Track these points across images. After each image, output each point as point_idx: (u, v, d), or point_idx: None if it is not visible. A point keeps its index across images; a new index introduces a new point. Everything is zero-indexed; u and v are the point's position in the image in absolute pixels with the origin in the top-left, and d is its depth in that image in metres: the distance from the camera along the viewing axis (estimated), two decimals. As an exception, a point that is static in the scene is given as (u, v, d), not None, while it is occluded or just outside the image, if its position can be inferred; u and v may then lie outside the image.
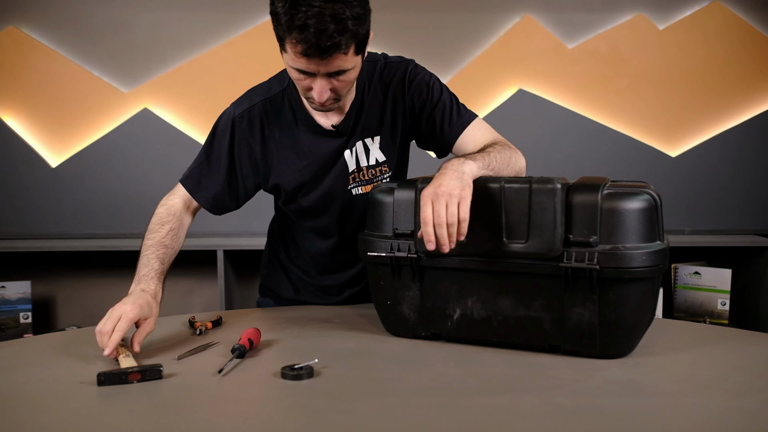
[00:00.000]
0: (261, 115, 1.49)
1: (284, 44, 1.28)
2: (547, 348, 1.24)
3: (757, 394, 1.05)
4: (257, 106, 1.49)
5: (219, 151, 1.51)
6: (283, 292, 1.71)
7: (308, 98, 1.38)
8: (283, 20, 1.23)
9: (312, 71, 1.29)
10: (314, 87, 1.32)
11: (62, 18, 3.14)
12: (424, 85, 1.51)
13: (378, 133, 1.52)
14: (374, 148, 1.52)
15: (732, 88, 3.26)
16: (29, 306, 3.01)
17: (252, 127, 1.49)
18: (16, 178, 3.16)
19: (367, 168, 1.52)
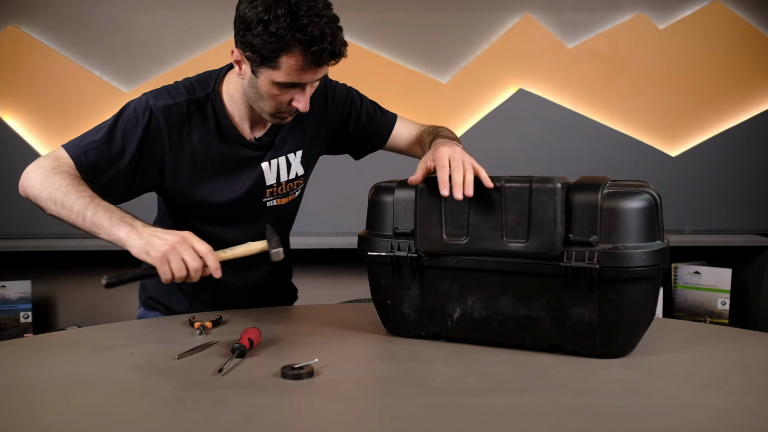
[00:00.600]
0: (183, 116, 1.39)
1: (277, 60, 1.26)
2: (547, 347, 1.24)
3: (757, 393, 1.05)
4: (181, 105, 1.40)
5: (125, 138, 1.36)
6: (176, 305, 1.61)
7: (279, 113, 1.36)
8: (287, 36, 1.23)
9: (306, 81, 1.31)
10: (300, 98, 1.33)
11: (62, 18, 3.14)
12: (345, 95, 1.59)
13: (301, 147, 1.54)
14: (296, 163, 1.54)
15: (732, 87, 3.26)
16: (29, 306, 3.01)
17: (170, 125, 1.38)
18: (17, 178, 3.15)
19: (286, 182, 1.54)
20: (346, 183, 3.20)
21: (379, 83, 3.16)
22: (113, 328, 1.44)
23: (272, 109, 1.36)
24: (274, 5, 1.23)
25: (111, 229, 1.22)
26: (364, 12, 3.21)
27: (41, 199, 1.31)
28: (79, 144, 1.37)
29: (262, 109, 1.38)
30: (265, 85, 1.32)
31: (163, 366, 1.18)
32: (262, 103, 1.36)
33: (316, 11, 1.26)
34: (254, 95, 1.36)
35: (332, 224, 3.24)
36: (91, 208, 1.24)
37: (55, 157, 1.36)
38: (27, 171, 1.37)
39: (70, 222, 1.27)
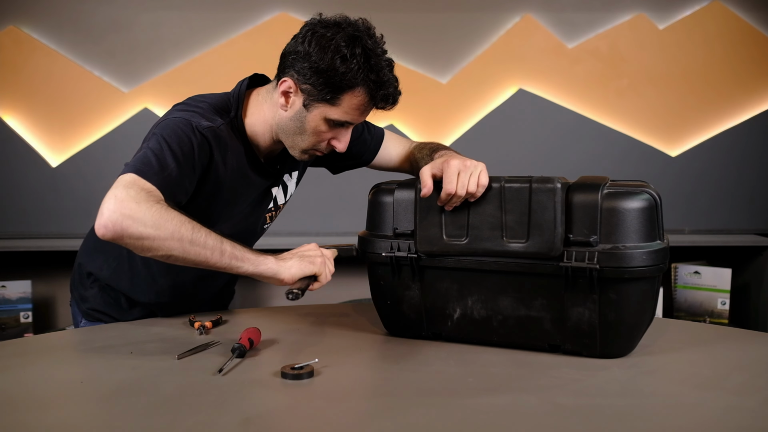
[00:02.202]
0: (224, 139, 1.35)
1: (339, 97, 1.27)
2: (548, 347, 1.24)
3: (757, 393, 1.05)
4: (222, 129, 1.34)
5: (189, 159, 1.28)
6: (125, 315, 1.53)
7: (313, 149, 1.37)
8: (360, 75, 1.24)
9: (357, 122, 1.34)
10: (342, 137, 1.35)
11: (62, 18, 3.14)
12: None
13: (296, 168, 1.55)
14: (291, 184, 1.56)
15: (732, 87, 3.26)
16: (29, 306, 3.01)
17: (217, 147, 1.33)
18: (17, 177, 3.16)
19: (282, 205, 1.56)
20: (346, 183, 3.19)
21: (379, 83, 3.16)
22: (113, 328, 1.44)
23: (309, 145, 1.35)
24: (350, 42, 1.26)
25: (258, 260, 1.23)
26: (364, 12, 3.19)
27: (159, 239, 1.16)
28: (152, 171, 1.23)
29: (296, 144, 1.36)
30: (314, 120, 1.31)
31: (163, 366, 1.18)
32: (300, 138, 1.35)
33: (385, 58, 1.30)
34: (294, 129, 1.34)
35: (332, 224, 3.24)
36: (227, 244, 1.21)
37: (141, 188, 1.20)
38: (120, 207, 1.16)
39: (198, 259, 1.19)
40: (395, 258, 1.30)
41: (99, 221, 1.16)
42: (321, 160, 1.62)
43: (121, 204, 1.15)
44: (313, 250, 1.29)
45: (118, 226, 1.15)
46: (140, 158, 1.25)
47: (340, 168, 1.67)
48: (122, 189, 1.18)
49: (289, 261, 1.25)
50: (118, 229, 1.15)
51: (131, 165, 1.24)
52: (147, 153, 1.25)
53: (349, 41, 1.26)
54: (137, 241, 1.16)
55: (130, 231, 1.15)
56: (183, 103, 1.40)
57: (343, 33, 1.27)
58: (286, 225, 3.14)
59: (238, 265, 1.21)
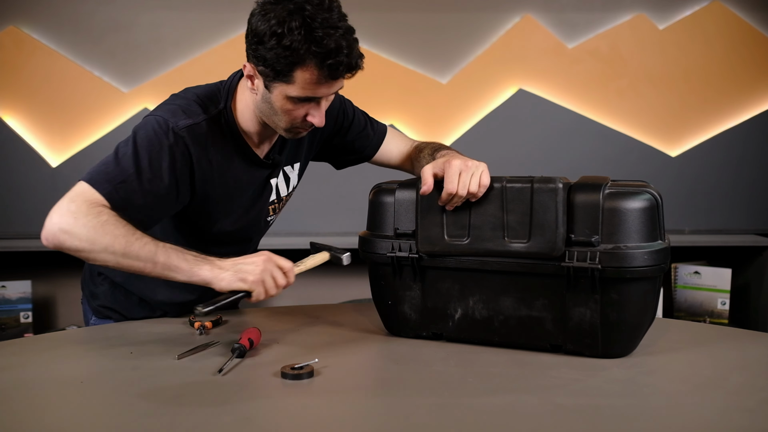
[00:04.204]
0: (205, 135, 1.33)
1: (291, 74, 1.23)
2: (549, 348, 1.24)
3: (757, 394, 1.05)
4: (202, 125, 1.33)
5: (154, 165, 1.28)
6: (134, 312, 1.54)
7: (294, 128, 1.33)
8: (302, 50, 1.20)
9: (322, 95, 1.28)
10: (315, 113, 1.30)
11: (62, 18, 3.14)
12: (338, 106, 1.55)
13: (298, 159, 1.53)
14: (293, 176, 1.54)
15: (732, 87, 3.26)
16: (29, 306, 3.01)
17: (196, 146, 1.32)
18: (17, 178, 3.16)
19: (285, 197, 1.54)
20: (346, 183, 3.19)
21: (379, 83, 3.16)
22: (113, 328, 1.43)
23: (287, 124, 1.32)
24: (287, 18, 1.19)
25: (192, 270, 1.22)
26: (364, 12, 3.20)
27: (93, 252, 1.20)
28: (106, 179, 1.26)
29: (277, 125, 1.34)
30: (278, 100, 1.28)
31: (163, 366, 1.18)
32: (276, 118, 1.32)
33: (331, 23, 1.21)
34: (268, 110, 1.32)
35: (332, 224, 3.24)
36: (161, 253, 1.21)
37: (85, 200, 1.24)
38: (59, 221, 1.21)
39: (133, 270, 1.22)
40: (396, 258, 1.30)
41: (42, 232, 1.22)
42: (322, 155, 1.62)
43: (60, 218, 1.22)
44: (254, 263, 1.23)
45: (57, 240, 1.21)
46: (102, 163, 1.30)
47: (342, 163, 1.66)
48: (66, 202, 1.24)
49: (224, 271, 1.22)
50: (56, 242, 1.22)
51: (89, 172, 1.28)
52: (110, 158, 1.30)
53: (288, 16, 1.20)
54: (75, 253, 1.22)
55: (66, 245, 1.21)
56: (174, 95, 1.42)
57: (281, 7, 1.21)
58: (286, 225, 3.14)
59: (171, 275, 1.23)
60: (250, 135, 1.41)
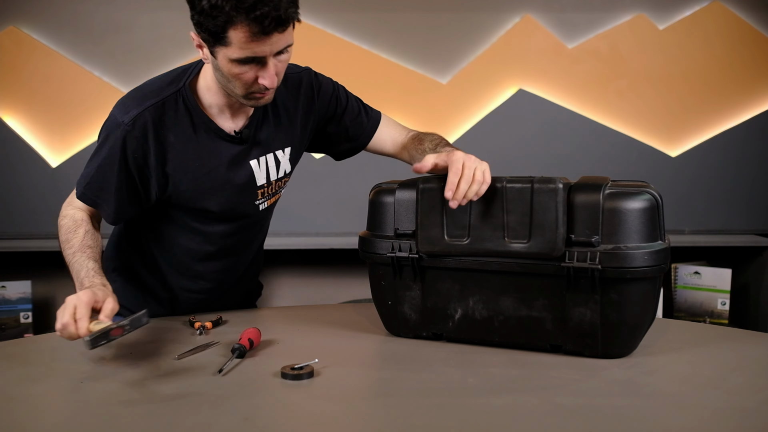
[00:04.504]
0: (153, 121, 1.35)
1: (225, 36, 1.21)
2: (549, 348, 1.24)
3: (757, 394, 1.05)
4: (148, 111, 1.34)
5: (111, 162, 1.37)
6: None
7: (251, 93, 1.30)
8: (227, 7, 1.18)
9: (263, 54, 1.24)
10: (265, 73, 1.27)
11: (62, 18, 3.14)
12: (332, 91, 1.54)
13: (289, 144, 1.50)
14: (284, 160, 1.50)
15: (732, 88, 3.26)
16: (29, 306, 3.01)
17: (144, 135, 1.35)
18: (16, 178, 3.16)
19: (275, 181, 1.51)
20: (346, 183, 3.20)
21: (379, 83, 3.16)
22: (113, 329, 1.43)
23: (242, 90, 1.30)
24: None
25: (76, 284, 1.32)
26: (364, 12, 3.21)
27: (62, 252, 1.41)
28: (81, 181, 1.44)
29: (234, 92, 1.32)
30: (225, 65, 1.26)
31: (163, 366, 1.18)
32: (230, 85, 1.30)
33: None
34: (222, 78, 1.31)
35: (332, 224, 3.24)
36: (73, 263, 1.35)
37: (70, 200, 1.48)
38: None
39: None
40: (396, 258, 1.30)
41: None
42: (319, 144, 1.60)
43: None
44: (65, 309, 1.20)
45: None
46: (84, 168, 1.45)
47: (340, 153, 1.63)
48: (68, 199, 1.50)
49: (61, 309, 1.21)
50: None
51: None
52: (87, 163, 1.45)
53: None
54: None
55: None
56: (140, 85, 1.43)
57: None
58: (287, 225, 3.14)
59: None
60: (220, 109, 1.40)
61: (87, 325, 1.15)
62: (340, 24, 3.18)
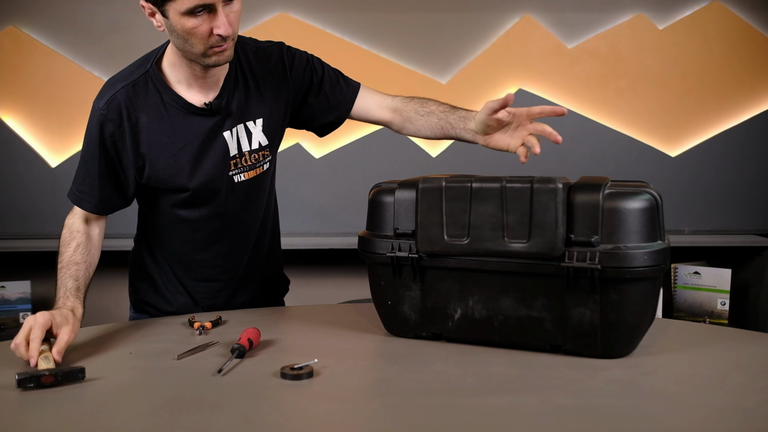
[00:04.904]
0: (125, 102, 1.40)
1: None
2: (549, 348, 1.24)
3: (757, 394, 1.05)
4: (119, 93, 1.41)
5: (92, 151, 1.43)
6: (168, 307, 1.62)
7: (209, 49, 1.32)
8: None
9: (211, 2, 1.27)
10: (218, 21, 1.29)
11: (62, 18, 3.14)
12: (306, 62, 1.55)
13: (260, 115, 1.50)
14: (257, 132, 1.50)
15: (732, 87, 3.26)
16: (29, 306, 3.01)
17: (119, 116, 1.40)
18: (16, 178, 3.16)
19: (249, 153, 1.49)
20: (346, 183, 3.20)
21: (379, 83, 3.15)
22: (113, 328, 1.43)
23: (201, 46, 1.31)
24: None
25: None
26: (364, 12, 3.21)
27: None
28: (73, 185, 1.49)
29: (194, 53, 1.33)
30: (178, 23, 1.28)
31: (163, 366, 1.18)
32: (188, 45, 1.32)
33: None
34: (180, 42, 1.33)
35: (332, 224, 3.24)
36: (58, 279, 1.41)
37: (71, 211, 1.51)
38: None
39: None
40: (396, 258, 1.30)
41: None
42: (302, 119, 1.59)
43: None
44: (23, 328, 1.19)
45: None
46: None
47: (324, 127, 1.61)
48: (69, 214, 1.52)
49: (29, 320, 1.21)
50: None
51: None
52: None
53: None
54: None
55: None
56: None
57: None
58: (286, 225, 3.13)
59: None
60: (188, 83, 1.43)
61: (38, 347, 1.15)
62: (340, 24, 3.18)
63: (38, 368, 1.12)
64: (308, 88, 1.55)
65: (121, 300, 3.11)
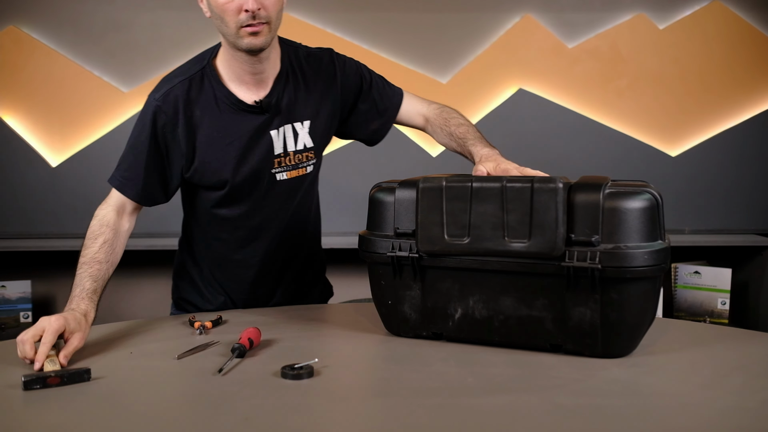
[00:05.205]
0: (182, 96, 1.46)
1: None
2: (549, 347, 1.24)
3: (757, 394, 1.05)
4: (176, 87, 1.46)
5: (143, 139, 1.47)
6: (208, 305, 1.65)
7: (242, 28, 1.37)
8: None
9: None
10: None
11: (62, 18, 3.14)
12: (355, 69, 1.61)
13: (308, 117, 1.54)
14: (303, 133, 1.54)
15: (732, 87, 3.26)
16: (29, 306, 3.01)
17: (174, 109, 1.46)
18: (17, 177, 3.16)
19: (294, 153, 1.53)
20: (346, 183, 3.20)
21: (379, 83, 3.16)
22: (113, 328, 1.43)
23: (233, 25, 1.37)
24: None
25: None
26: (364, 12, 3.21)
27: None
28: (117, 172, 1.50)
29: (229, 33, 1.39)
30: (215, 3, 1.36)
31: (163, 366, 1.18)
32: (224, 25, 1.38)
33: None
34: (218, 22, 1.40)
35: (332, 224, 3.24)
36: (77, 275, 1.37)
37: (105, 201, 1.50)
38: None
39: None
40: (396, 258, 1.30)
41: None
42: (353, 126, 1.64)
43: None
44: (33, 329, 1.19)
45: None
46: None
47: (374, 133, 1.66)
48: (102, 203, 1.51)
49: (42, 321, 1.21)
50: None
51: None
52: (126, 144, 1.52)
53: None
54: None
55: None
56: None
57: None
58: (286, 225, 3.13)
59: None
60: (239, 81, 1.48)
61: (47, 351, 1.16)
62: (340, 24, 3.18)
63: (44, 370, 1.12)
64: (357, 93, 1.60)
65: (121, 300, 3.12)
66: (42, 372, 1.10)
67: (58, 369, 1.12)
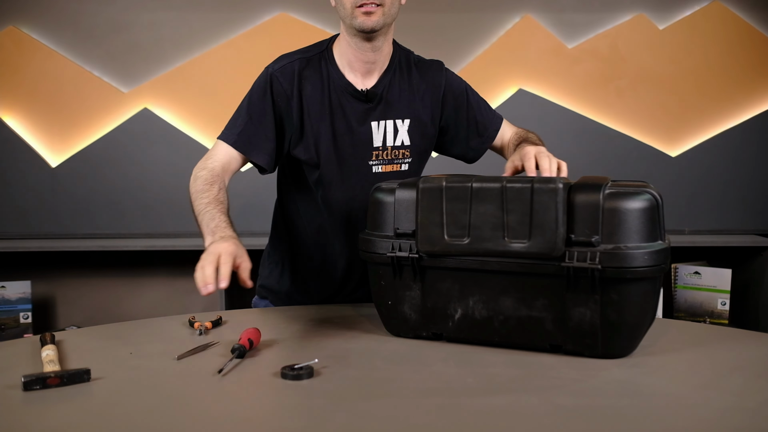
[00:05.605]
0: (298, 70, 1.54)
1: None
2: (549, 348, 1.24)
3: (757, 394, 1.05)
4: (295, 62, 1.55)
5: (263, 108, 1.53)
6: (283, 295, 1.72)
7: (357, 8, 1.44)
8: None
9: None
10: None
11: (62, 18, 3.14)
12: (462, 87, 1.69)
13: (409, 116, 1.60)
14: (403, 130, 1.60)
15: (732, 87, 3.26)
16: (29, 306, 3.01)
17: (290, 81, 1.53)
18: (17, 177, 3.16)
19: (392, 148, 1.59)
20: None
21: (379, 83, 3.16)
22: (113, 328, 1.43)
23: (350, 6, 1.45)
24: None
25: (203, 235, 1.34)
26: (364, 12, 3.21)
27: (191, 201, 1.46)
28: (230, 130, 1.54)
29: (345, 14, 1.47)
30: None
31: (163, 366, 1.18)
32: (342, 10, 1.47)
33: None
34: (339, 8, 1.48)
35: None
36: (203, 214, 1.38)
37: (209, 155, 1.52)
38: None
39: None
40: (396, 258, 1.30)
41: None
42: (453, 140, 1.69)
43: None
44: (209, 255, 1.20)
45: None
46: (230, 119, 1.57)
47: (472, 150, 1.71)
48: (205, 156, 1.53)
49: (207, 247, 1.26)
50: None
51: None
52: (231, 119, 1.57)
53: None
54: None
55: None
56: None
57: None
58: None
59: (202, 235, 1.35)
60: (350, 68, 1.56)
61: (229, 271, 1.18)
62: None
63: (43, 370, 1.12)
64: (459, 108, 1.66)
65: (121, 300, 3.12)
66: (42, 373, 1.10)
67: (58, 369, 1.12)
